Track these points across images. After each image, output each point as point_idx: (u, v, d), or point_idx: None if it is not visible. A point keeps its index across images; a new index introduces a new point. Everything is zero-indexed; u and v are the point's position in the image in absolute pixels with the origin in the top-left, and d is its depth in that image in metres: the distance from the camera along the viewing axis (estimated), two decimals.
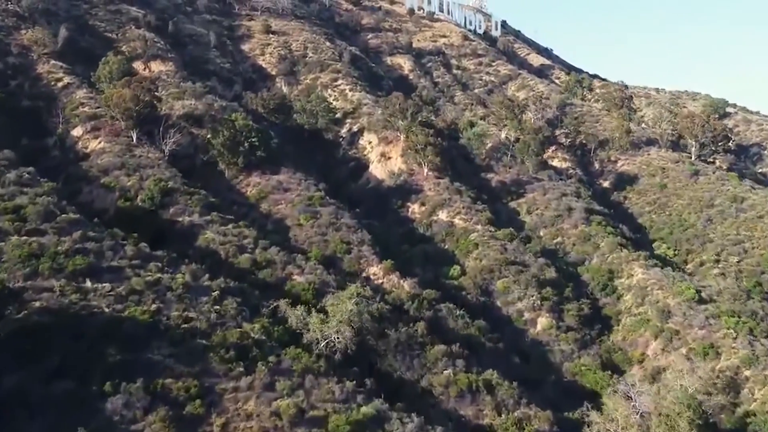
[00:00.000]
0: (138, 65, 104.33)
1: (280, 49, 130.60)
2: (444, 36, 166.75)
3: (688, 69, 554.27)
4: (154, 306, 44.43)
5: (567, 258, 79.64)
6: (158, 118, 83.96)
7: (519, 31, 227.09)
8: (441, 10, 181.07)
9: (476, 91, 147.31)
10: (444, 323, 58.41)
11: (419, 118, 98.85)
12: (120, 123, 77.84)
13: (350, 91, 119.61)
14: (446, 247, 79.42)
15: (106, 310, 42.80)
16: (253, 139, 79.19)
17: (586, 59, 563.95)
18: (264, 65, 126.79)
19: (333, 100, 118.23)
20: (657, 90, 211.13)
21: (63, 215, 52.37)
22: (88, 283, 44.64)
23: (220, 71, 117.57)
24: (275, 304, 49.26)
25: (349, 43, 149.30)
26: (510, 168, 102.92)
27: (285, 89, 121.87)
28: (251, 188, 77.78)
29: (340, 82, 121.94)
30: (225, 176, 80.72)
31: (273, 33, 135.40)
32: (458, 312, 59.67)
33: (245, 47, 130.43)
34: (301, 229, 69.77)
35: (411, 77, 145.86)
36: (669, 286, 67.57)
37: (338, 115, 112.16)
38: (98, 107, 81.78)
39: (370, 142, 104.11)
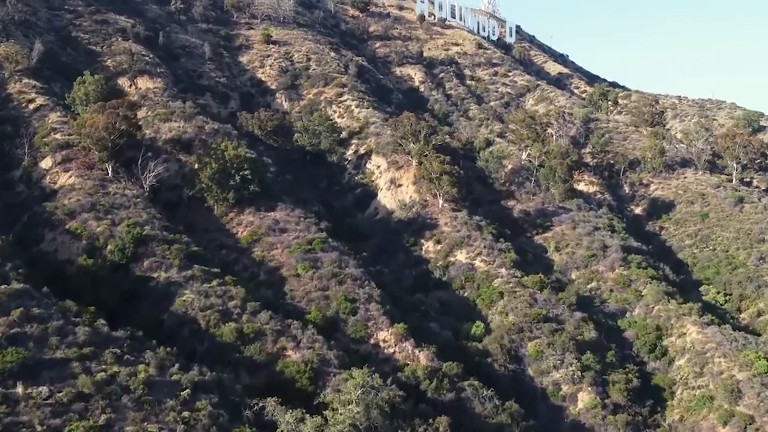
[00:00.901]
0: (123, 82, 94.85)
1: (281, 60, 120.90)
2: (456, 44, 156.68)
3: (704, 72, 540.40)
4: (103, 417, 34.70)
5: (605, 308, 69.45)
6: (140, 146, 74.54)
7: (533, 37, 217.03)
8: (453, 16, 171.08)
9: (492, 104, 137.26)
10: (469, 408, 48.46)
11: (433, 141, 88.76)
12: (94, 154, 68.13)
13: (356, 107, 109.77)
14: (466, 294, 69.47)
15: (39, 428, 33.00)
16: (245, 172, 69.37)
17: (600, 64, 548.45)
18: (263, 78, 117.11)
19: (338, 117, 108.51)
20: (680, 98, 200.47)
21: (4, 286, 42.59)
22: (20, 389, 34.86)
23: (215, 86, 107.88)
24: (261, 404, 39.30)
25: (355, 53, 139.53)
26: (534, 195, 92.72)
27: (286, 105, 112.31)
28: (243, 229, 67.90)
29: (345, 97, 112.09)
30: (214, 213, 70.98)
31: (273, 43, 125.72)
32: (485, 393, 49.62)
33: (243, 59, 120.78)
34: (299, 282, 59.84)
35: (422, 89, 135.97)
36: (733, 353, 57.25)
37: (343, 135, 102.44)
38: (71, 134, 72.14)
39: (378, 167, 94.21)
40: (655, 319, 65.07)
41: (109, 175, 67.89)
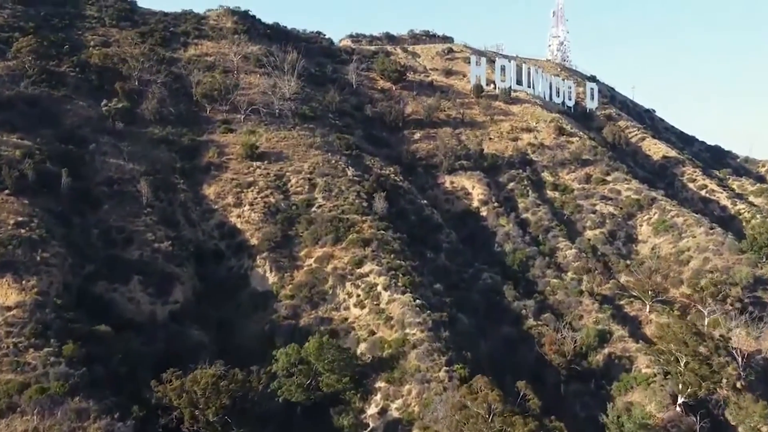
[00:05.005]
0: None
1: (268, 192, 77.63)
2: (528, 129, 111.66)
3: None
4: None
5: None
6: None
7: (613, 90, 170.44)
8: (519, 82, 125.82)
9: (589, 235, 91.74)
10: None
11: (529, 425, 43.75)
12: None
13: (385, 288, 65.73)
14: None
15: None
16: None
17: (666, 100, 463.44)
18: (239, 225, 73.93)
19: (354, 305, 65.18)
20: None
21: None
22: None
23: (151, 260, 64.77)
24: None
25: (386, 154, 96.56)
26: None
27: (271, 277, 69.03)
28: None
29: (367, 267, 68.13)
30: None
31: (260, 158, 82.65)
32: None
33: (211, 190, 77.63)
34: None
35: (484, 212, 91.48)
36: None
37: (363, 351, 58.91)
38: None
39: None
40: None
41: None
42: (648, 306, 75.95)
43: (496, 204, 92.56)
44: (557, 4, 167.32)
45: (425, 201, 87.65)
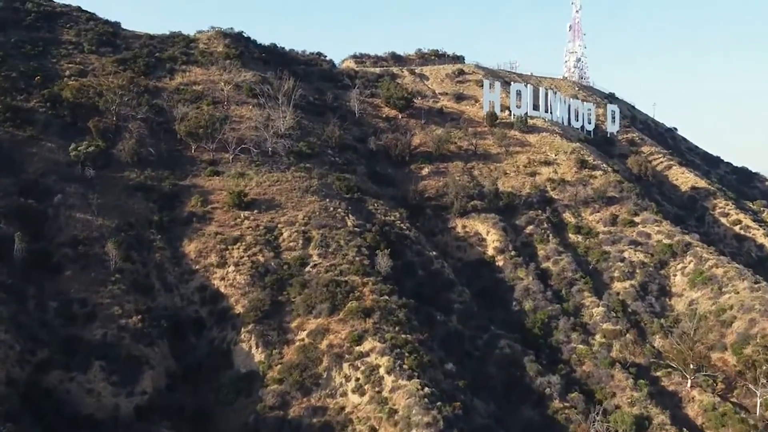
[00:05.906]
0: None
1: (258, 249, 68.36)
2: (547, 162, 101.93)
3: None
4: None
5: None
6: None
7: (633, 108, 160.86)
8: (536, 107, 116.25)
9: (618, 288, 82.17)
10: None
11: None
12: None
13: (388, 372, 56.51)
14: None
15: None
16: None
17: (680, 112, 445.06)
18: (223, 290, 64.72)
19: (352, 391, 55.90)
20: None
21: None
22: None
23: (117, 338, 55.77)
24: None
25: (391, 194, 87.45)
26: None
27: (257, 355, 60.08)
28: None
29: (368, 344, 58.84)
30: None
31: (248, 207, 73.38)
32: None
33: (191, 247, 68.37)
34: None
35: (500, 262, 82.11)
36: None
37: None
38: None
39: None
40: None
41: None
42: (689, 380, 66.56)
43: (513, 252, 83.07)
44: (573, 18, 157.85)
45: (434, 252, 78.17)
